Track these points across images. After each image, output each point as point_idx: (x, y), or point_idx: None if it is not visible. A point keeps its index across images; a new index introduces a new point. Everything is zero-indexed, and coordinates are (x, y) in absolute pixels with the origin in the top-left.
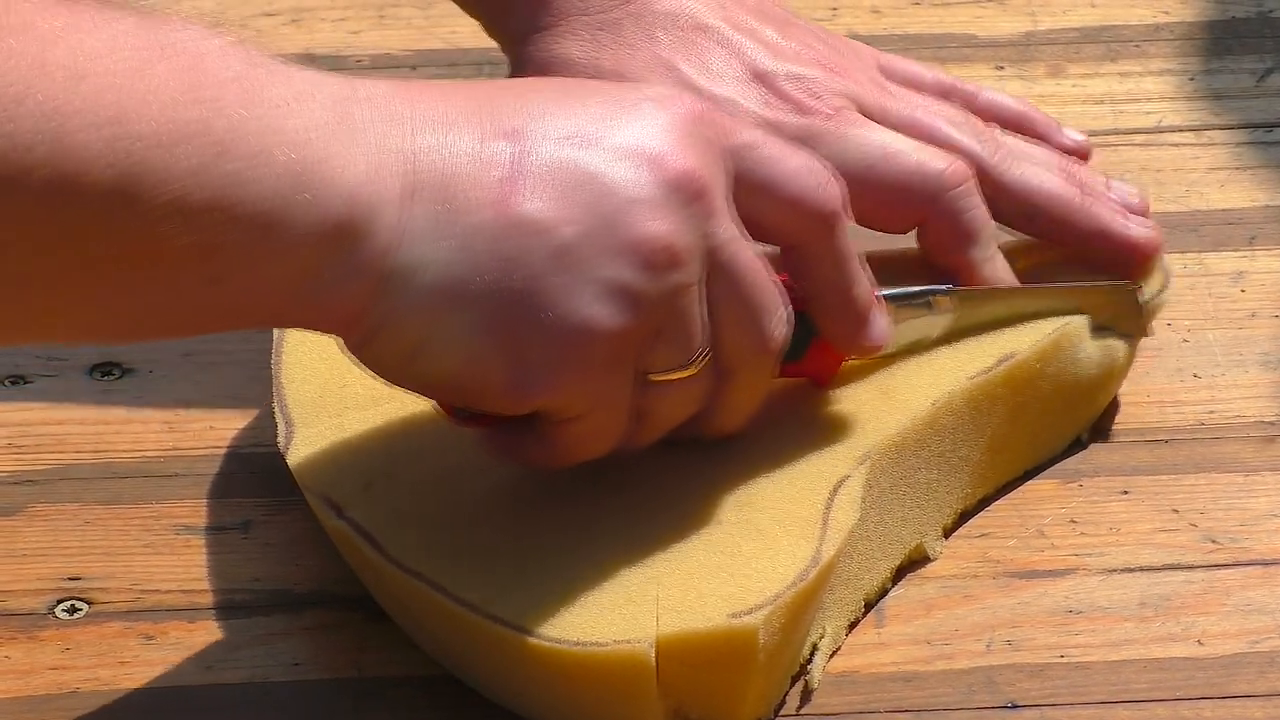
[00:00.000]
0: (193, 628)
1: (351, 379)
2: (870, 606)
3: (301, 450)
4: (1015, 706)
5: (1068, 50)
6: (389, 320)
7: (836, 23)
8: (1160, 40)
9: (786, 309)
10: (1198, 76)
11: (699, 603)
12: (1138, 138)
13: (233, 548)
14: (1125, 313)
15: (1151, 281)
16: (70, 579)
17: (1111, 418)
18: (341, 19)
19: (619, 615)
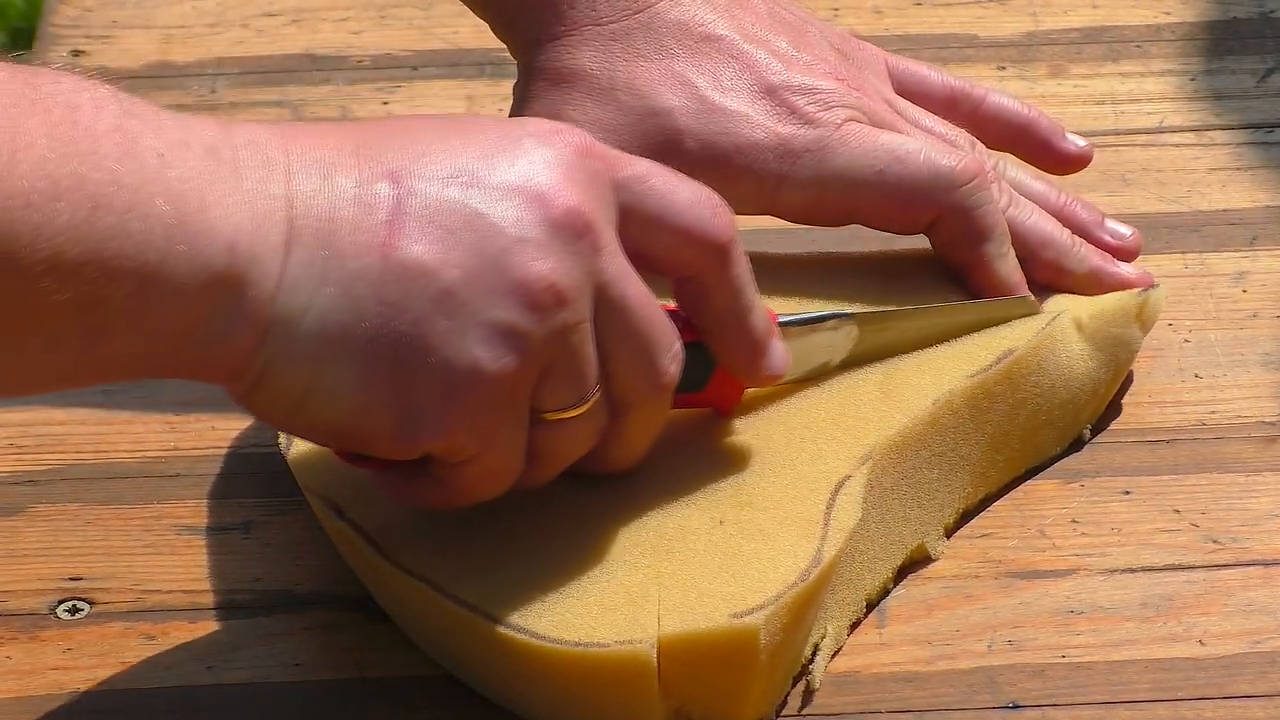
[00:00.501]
0: (194, 628)
1: None
2: (872, 606)
3: (302, 450)
4: (1017, 707)
5: (1069, 50)
6: (272, 369)
7: (838, 23)
8: (1162, 40)
9: (679, 343)
10: (1199, 77)
11: (700, 603)
12: (1139, 138)
13: (234, 548)
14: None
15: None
16: (71, 579)
17: (1113, 418)
18: (343, 19)
19: (620, 615)
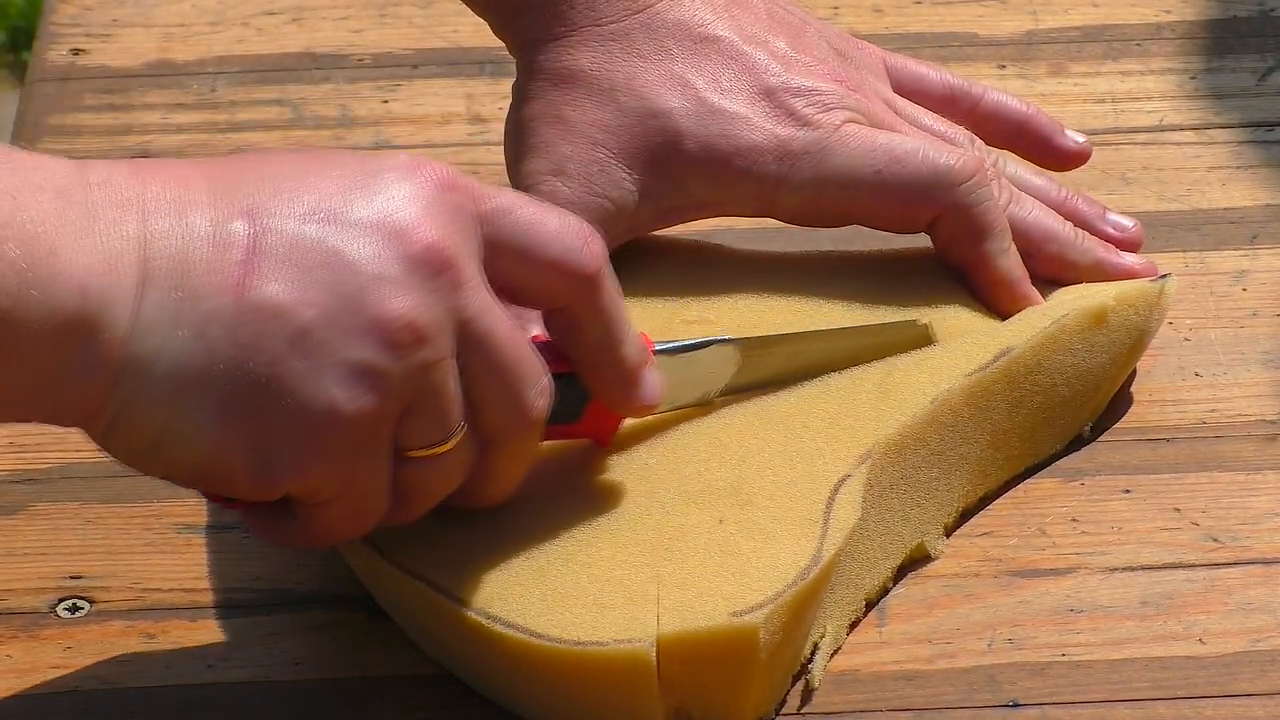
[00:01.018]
0: (194, 627)
1: None
2: (871, 605)
3: None
4: (1017, 705)
5: (1069, 49)
6: (127, 411)
7: (838, 22)
8: (1162, 39)
9: (547, 377)
10: (1199, 75)
11: (700, 602)
12: (1139, 136)
13: (234, 547)
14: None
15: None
16: (71, 578)
17: (1113, 416)
18: (343, 18)
19: (620, 614)
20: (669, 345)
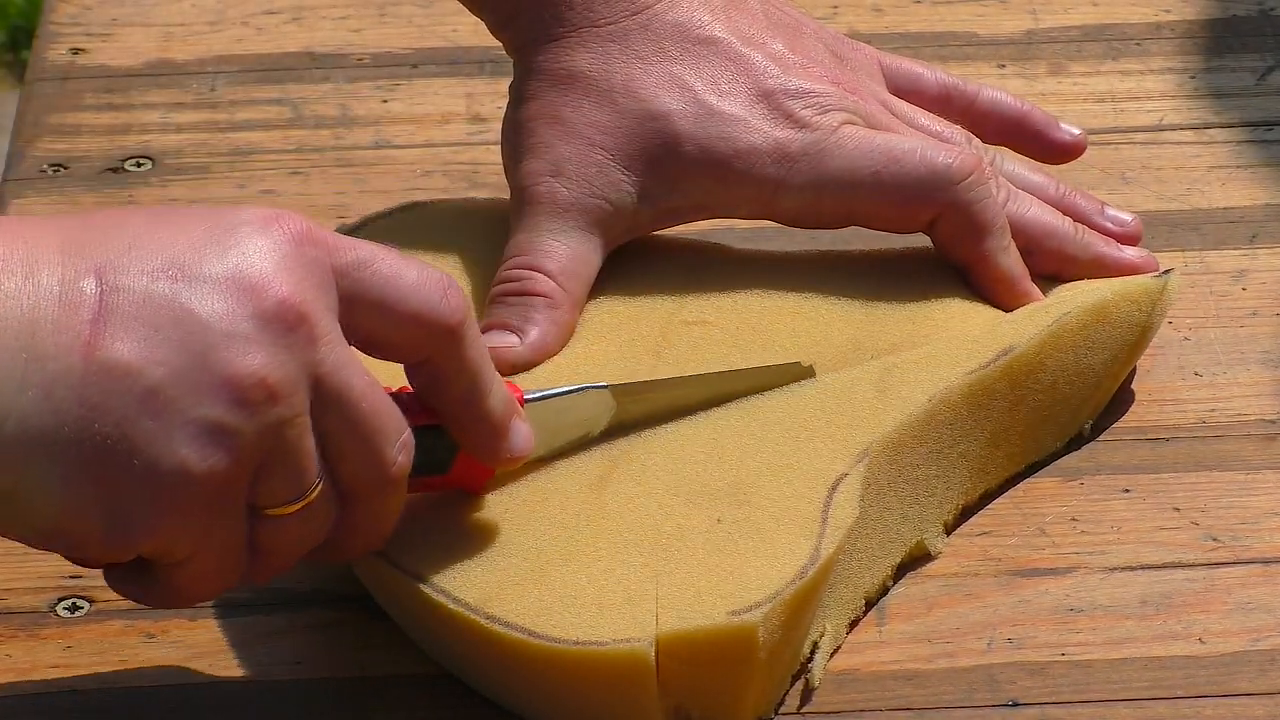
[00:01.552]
0: (194, 626)
1: None
2: (871, 604)
3: None
4: (1016, 705)
5: (1069, 49)
6: None
7: (838, 21)
8: (1161, 39)
9: (407, 431)
10: (1199, 75)
11: (699, 601)
12: (1139, 136)
13: None
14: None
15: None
16: (71, 577)
17: (1113, 416)
18: (343, 17)
19: (618, 614)
20: (539, 394)
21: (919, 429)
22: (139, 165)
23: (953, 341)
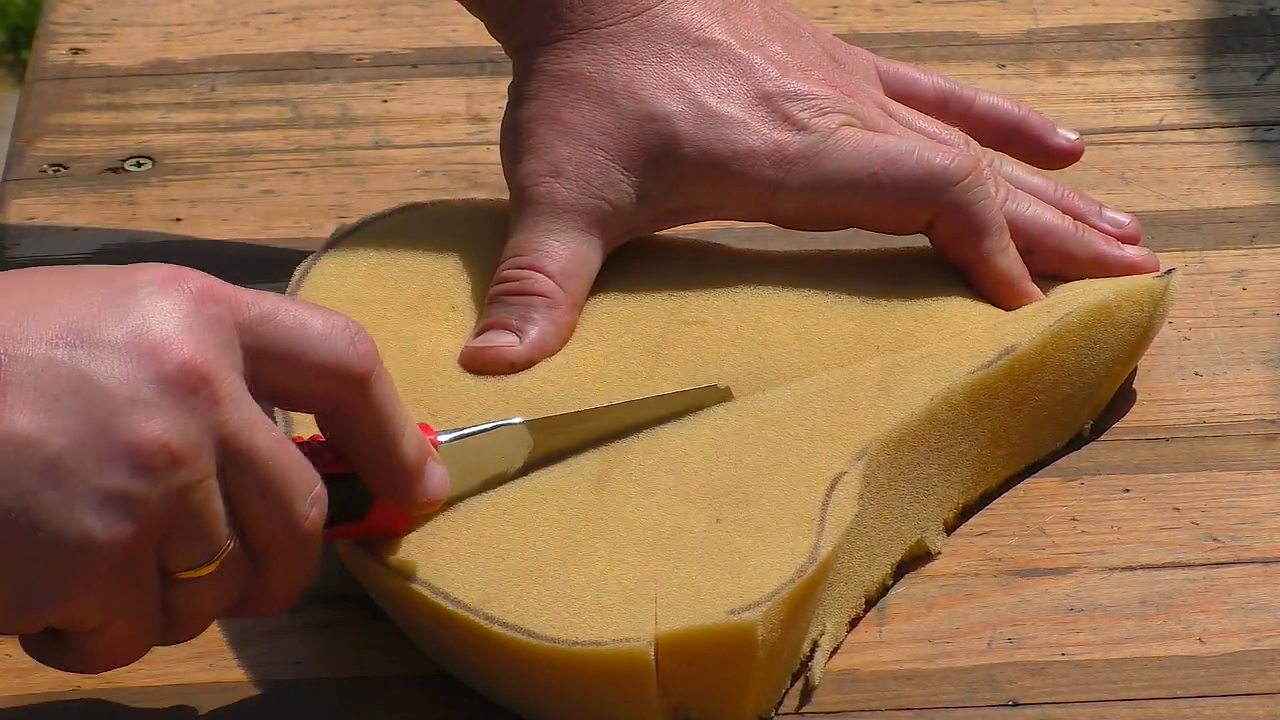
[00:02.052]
0: None
1: None
2: (871, 603)
3: None
4: (1016, 705)
5: (1069, 49)
6: None
7: (837, 20)
8: (1161, 38)
9: (319, 485)
10: (1199, 75)
11: (698, 600)
12: (1139, 136)
13: None
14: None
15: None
16: None
17: (1113, 416)
18: (343, 17)
19: (618, 614)
20: (453, 434)
21: (920, 427)
22: (139, 165)
23: (954, 340)
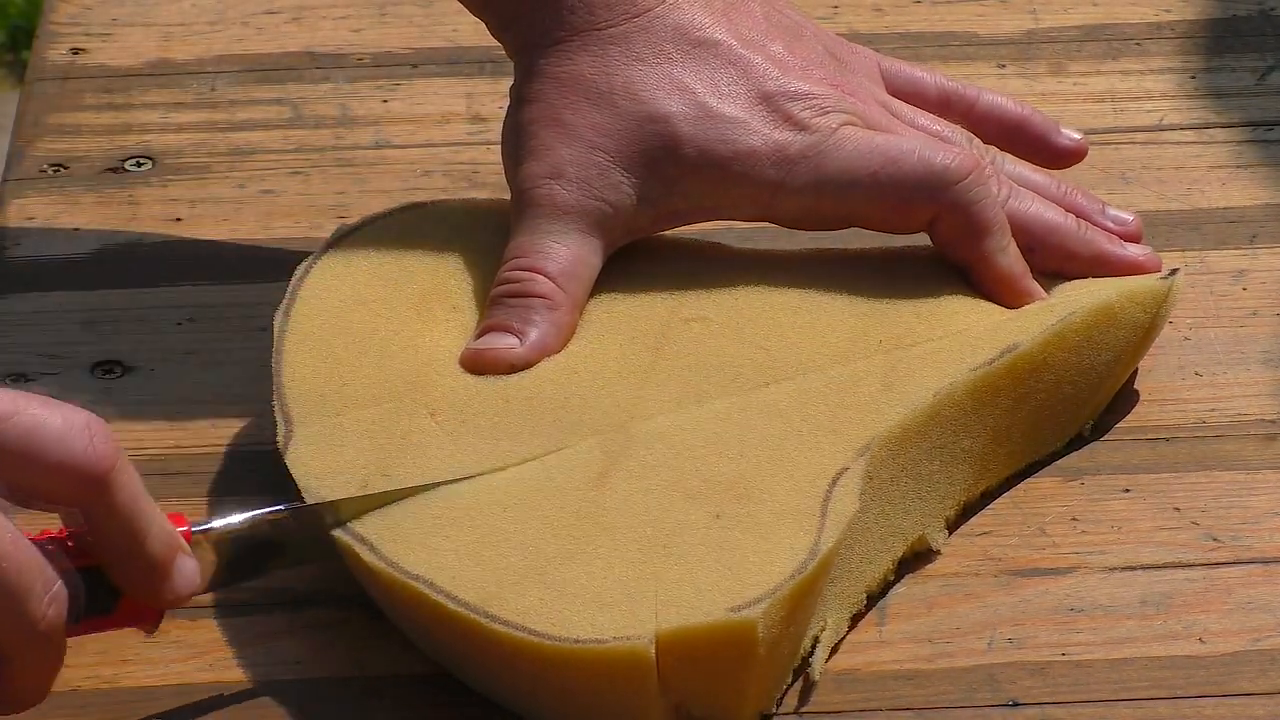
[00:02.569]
0: (194, 626)
1: (351, 378)
2: (873, 598)
3: (300, 449)
4: (1017, 705)
5: (1069, 48)
6: None
7: (837, 20)
8: (1161, 38)
9: (57, 584)
10: (1199, 75)
11: (698, 597)
12: (1139, 136)
13: None
14: None
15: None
16: None
17: (1113, 416)
18: (343, 17)
19: (618, 611)
20: (206, 525)
21: (922, 424)
22: (139, 165)
23: (957, 338)
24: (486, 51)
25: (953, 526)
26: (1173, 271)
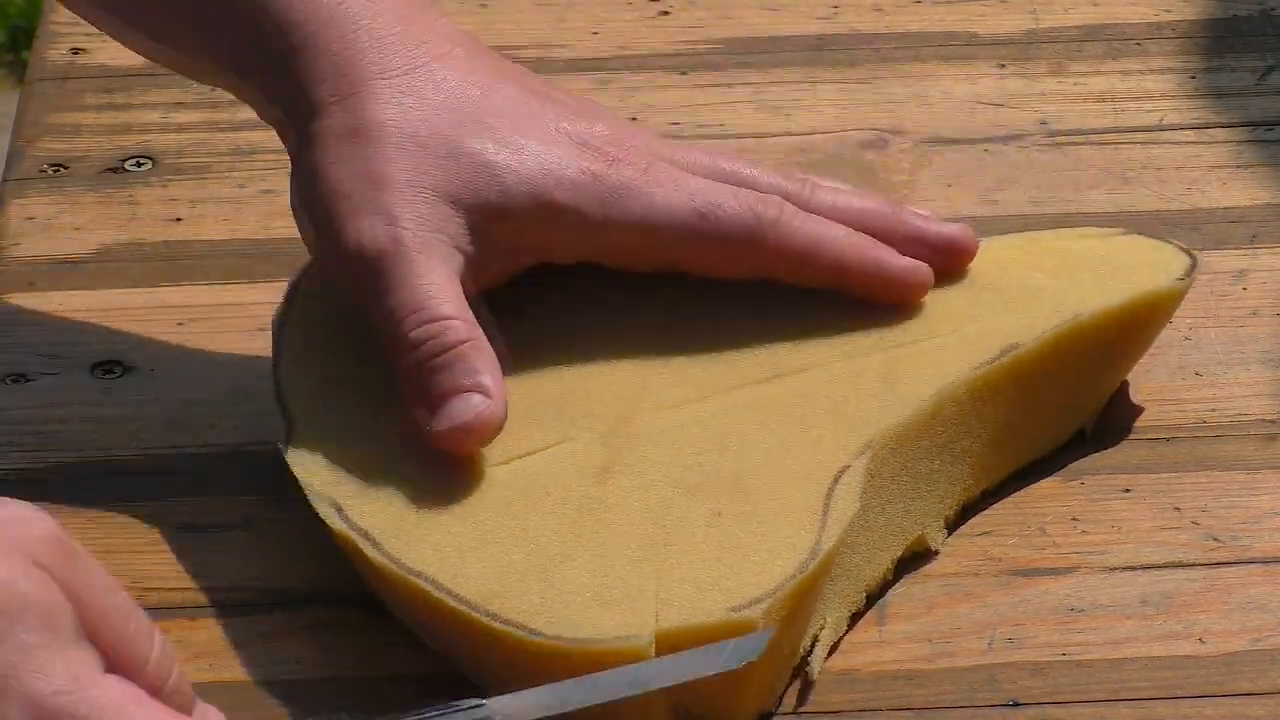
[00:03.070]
0: (194, 625)
1: (352, 377)
2: (872, 597)
3: (301, 447)
4: (1017, 705)
5: (1069, 48)
6: None
7: (838, 21)
8: (1162, 38)
9: None
10: (1199, 74)
11: (698, 596)
12: (1139, 136)
13: (234, 546)
14: None
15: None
16: None
17: (1113, 416)
18: None
19: (618, 610)
20: None
21: (923, 423)
22: (139, 165)
23: (958, 335)
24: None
25: (952, 527)
26: (1190, 269)
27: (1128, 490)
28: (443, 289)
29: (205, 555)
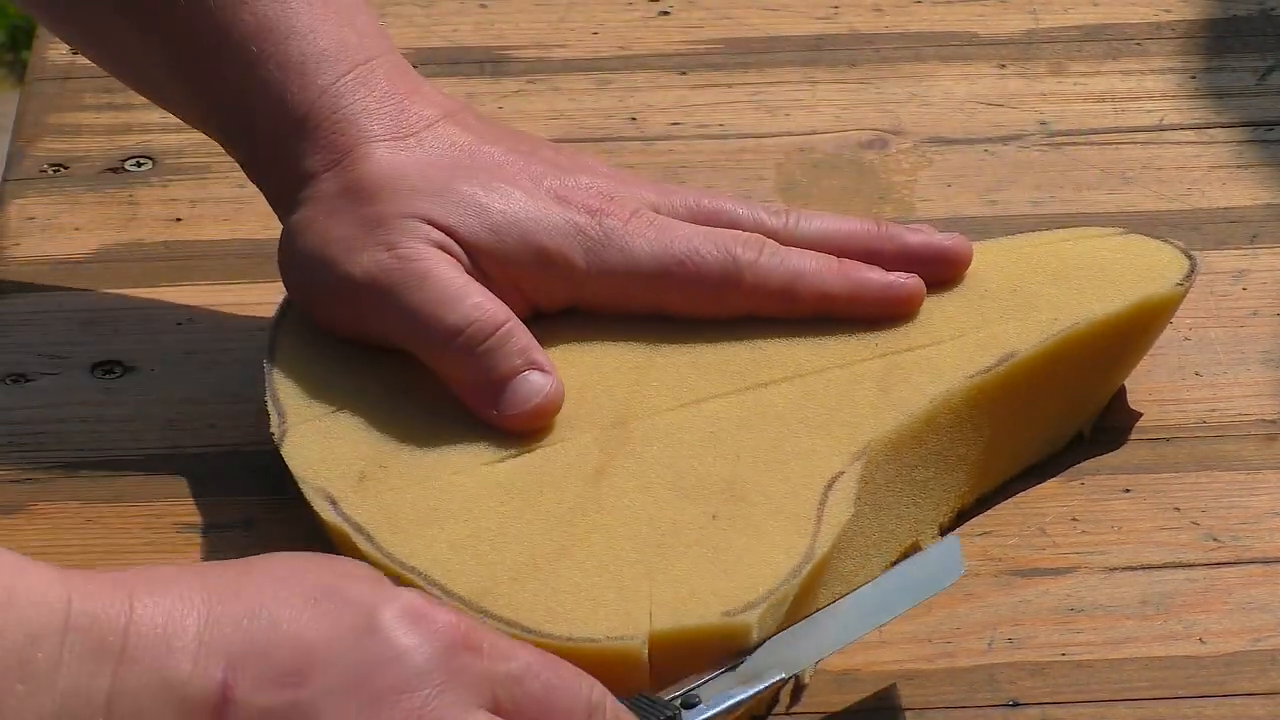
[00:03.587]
0: None
1: (346, 372)
2: None
3: (296, 443)
4: (1017, 705)
5: (1069, 48)
6: None
7: (838, 20)
8: (1162, 38)
9: None
10: (1199, 75)
11: (692, 599)
12: (1139, 136)
13: (235, 545)
14: None
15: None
16: None
17: (1113, 416)
18: None
19: (612, 611)
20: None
21: (919, 430)
22: (139, 165)
23: (955, 343)
24: (487, 51)
25: (946, 532)
26: (1190, 272)
27: (1128, 490)
28: (466, 282)
29: (205, 555)
